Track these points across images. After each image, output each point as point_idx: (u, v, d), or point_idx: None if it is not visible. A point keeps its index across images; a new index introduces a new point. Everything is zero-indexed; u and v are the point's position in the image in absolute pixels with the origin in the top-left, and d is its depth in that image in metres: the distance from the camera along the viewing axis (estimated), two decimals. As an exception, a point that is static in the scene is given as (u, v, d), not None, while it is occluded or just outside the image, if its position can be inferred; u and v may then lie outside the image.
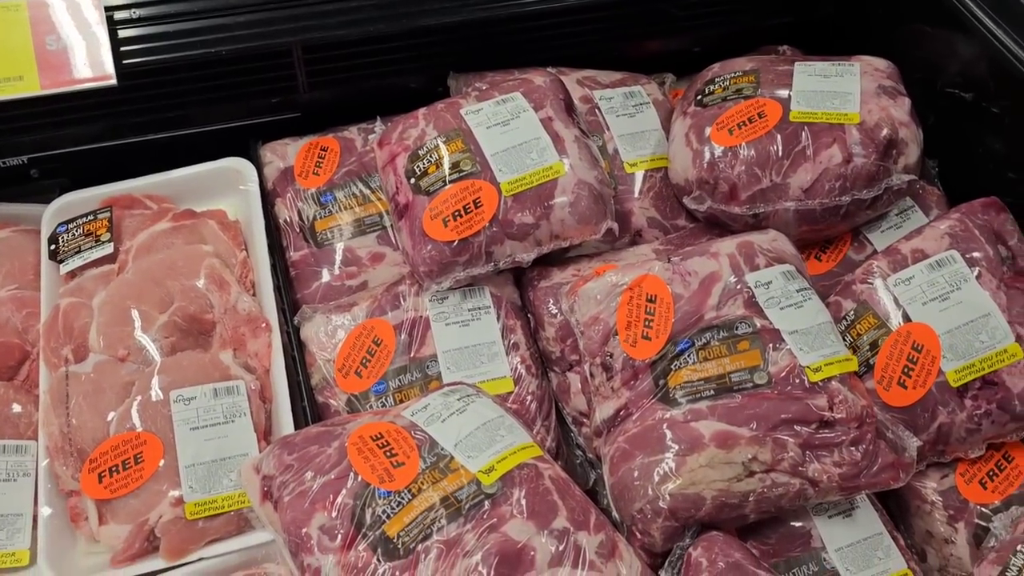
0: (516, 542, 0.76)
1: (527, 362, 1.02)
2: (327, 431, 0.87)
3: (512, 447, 0.83)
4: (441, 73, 1.24)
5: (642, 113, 1.20)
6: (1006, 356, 0.90)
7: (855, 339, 0.96)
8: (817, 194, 1.02)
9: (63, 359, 0.98)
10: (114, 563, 0.89)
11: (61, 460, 0.92)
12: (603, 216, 1.03)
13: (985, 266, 0.95)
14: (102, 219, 1.09)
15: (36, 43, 1.02)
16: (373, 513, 0.78)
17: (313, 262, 1.11)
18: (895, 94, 1.07)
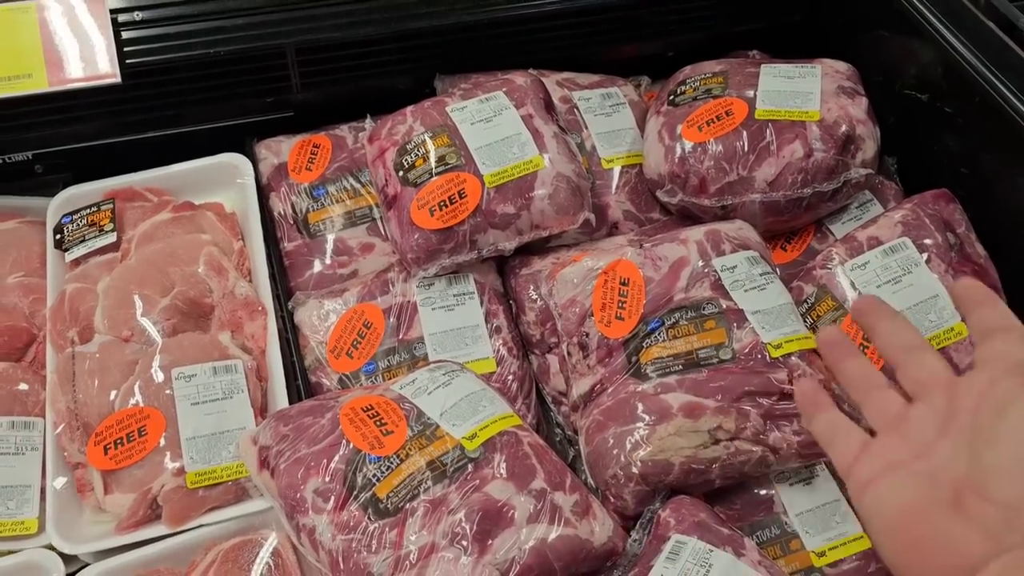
0: (497, 501, 0.81)
1: (509, 344, 1.08)
2: (321, 404, 0.92)
3: (493, 416, 0.89)
4: (428, 74, 1.29)
5: (618, 113, 1.26)
6: (953, 334, 0.97)
7: (815, 320, 1.02)
8: (781, 187, 1.09)
9: (69, 341, 1.03)
10: (119, 530, 0.93)
11: (68, 434, 0.97)
12: (581, 207, 1.10)
13: (935, 252, 1.01)
14: (105, 210, 1.14)
15: (45, 43, 1.07)
16: (364, 476, 0.84)
17: (306, 252, 1.17)
18: (854, 94, 1.14)
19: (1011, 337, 0.62)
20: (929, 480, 0.59)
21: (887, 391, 0.67)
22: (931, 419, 0.62)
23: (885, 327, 0.69)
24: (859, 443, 0.65)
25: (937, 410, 0.62)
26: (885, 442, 0.63)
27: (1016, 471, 0.55)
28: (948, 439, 0.60)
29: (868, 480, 0.62)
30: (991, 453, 0.56)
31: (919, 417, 0.63)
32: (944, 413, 0.61)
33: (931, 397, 0.63)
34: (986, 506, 0.55)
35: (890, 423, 0.64)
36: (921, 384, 0.65)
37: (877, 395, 0.67)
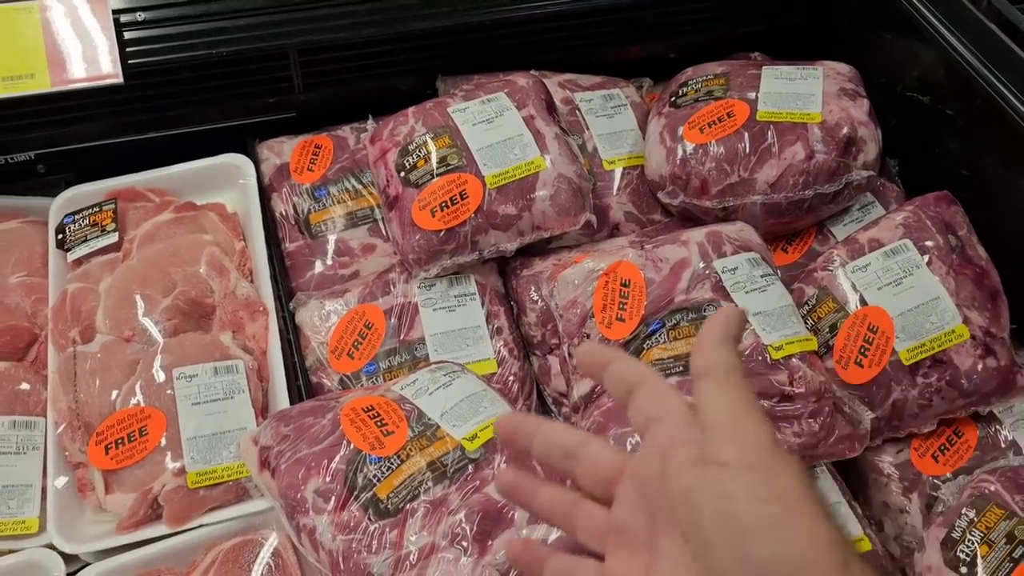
0: (497, 501, 0.81)
1: (510, 345, 1.08)
2: (321, 404, 0.92)
3: (494, 417, 0.89)
4: (430, 76, 1.30)
5: (620, 114, 1.27)
6: (954, 336, 0.97)
7: (816, 322, 1.02)
8: (782, 188, 1.09)
9: (71, 340, 1.03)
10: (120, 530, 0.93)
11: (69, 434, 0.98)
12: (582, 209, 1.10)
13: (936, 254, 1.01)
14: (107, 210, 1.14)
15: (47, 43, 1.08)
16: (364, 477, 0.84)
17: (308, 252, 1.17)
18: (855, 96, 1.14)
19: (649, 393, 0.56)
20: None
21: (584, 504, 0.58)
22: (636, 519, 0.54)
23: (546, 432, 0.60)
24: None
25: (634, 506, 0.55)
26: (616, 566, 0.56)
27: (747, 572, 0.47)
28: (664, 534, 0.53)
29: None
30: (712, 555, 0.49)
31: (624, 520, 0.55)
32: (641, 506, 0.54)
33: (621, 494, 0.56)
34: None
35: (606, 538, 0.57)
36: (602, 482, 0.57)
37: (580, 512, 0.58)
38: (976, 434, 1.00)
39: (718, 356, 0.53)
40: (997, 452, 0.99)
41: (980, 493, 0.90)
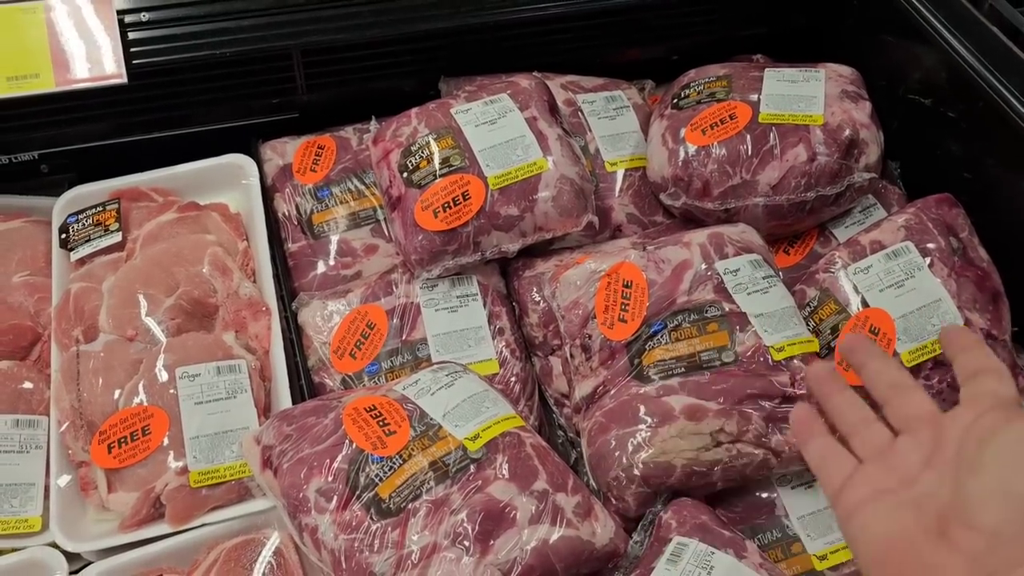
0: (499, 501, 0.82)
1: (512, 346, 1.08)
2: (324, 404, 0.93)
3: (496, 417, 0.89)
4: (433, 77, 1.30)
5: (622, 116, 1.27)
6: (955, 338, 0.97)
7: (818, 324, 1.03)
8: (784, 190, 1.09)
9: (74, 339, 1.03)
10: (122, 529, 0.94)
11: (72, 433, 0.98)
12: (584, 210, 1.10)
13: (937, 256, 1.01)
14: (111, 210, 1.14)
15: (52, 43, 1.08)
16: (367, 476, 0.84)
17: (310, 253, 1.17)
18: (857, 98, 1.14)
19: (994, 376, 0.65)
20: (914, 508, 0.60)
21: (874, 424, 0.69)
22: (917, 451, 0.64)
23: (874, 366, 0.72)
24: (848, 470, 0.66)
25: (923, 443, 0.64)
26: (872, 470, 0.65)
27: (999, 498, 0.56)
28: (933, 469, 0.61)
29: (854, 506, 0.64)
30: (975, 482, 0.58)
31: (905, 448, 0.65)
32: (930, 445, 0.63)
33: (917, 431, 0.65)
34: (970, 534, 0.56)
35: (877, 454, 0.66)
36: (908, 419, 0.67)
37: (864, 428, 0.69)
38: (977, 436, 1.00)
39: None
40: (998, 454, 0.99)
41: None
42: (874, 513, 0.62)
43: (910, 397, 0.68)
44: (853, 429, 0.69)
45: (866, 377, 0.72)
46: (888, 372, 0.71)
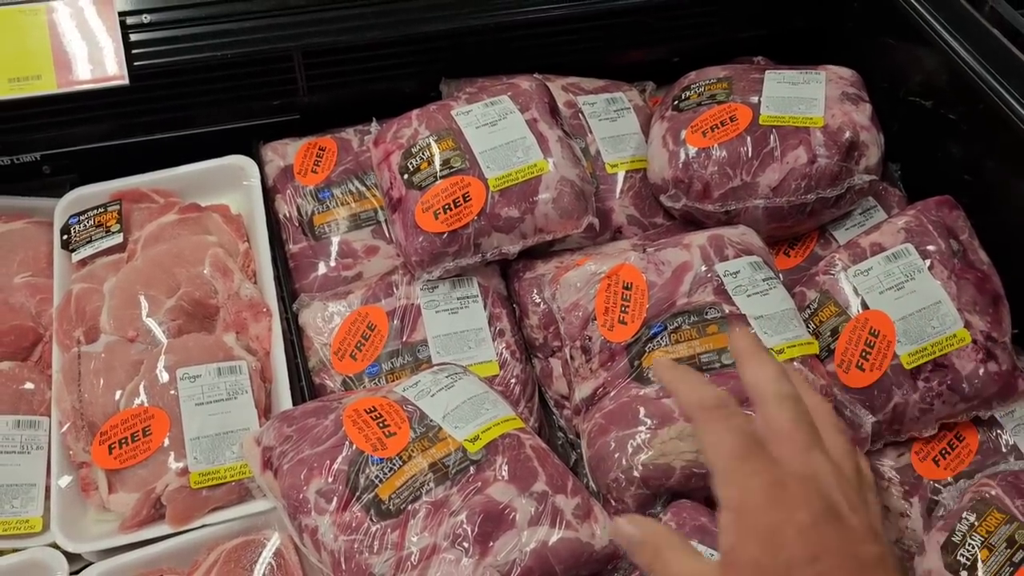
0: (499, 503, 0.82)
1: (512, 348, 1.08)
2: (324, 405, 0.93)
3: (496, 419, 0.89)
4: (434, 78, 1.30)
5: (623, 118, 1.27)
6: (955, 340, 0.97)
7: (818, 326, 1.03)
8: (784, 192, 1.09)
9: (75, 340, 1.04)
10: (123, 529, 0.94)
11: (73, 433, 0.98)
12: (584, 212, 1.10)
13: (937, 258, 1.01)
14: (112, 211, 1.15)
15: (54, 44, 1.08)
16: (367, 478, 0.84)
17: (311, 254, 1.17)
18: (858, 100, 1.14)
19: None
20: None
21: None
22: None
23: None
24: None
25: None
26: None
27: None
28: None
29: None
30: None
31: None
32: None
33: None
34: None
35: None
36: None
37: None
38: (977, 438, 1.00)
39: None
40: (998, 456, 0.99)
41: (981, 497, 0.90)
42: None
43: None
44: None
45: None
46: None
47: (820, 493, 0.56)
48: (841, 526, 0.56)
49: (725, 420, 0.59)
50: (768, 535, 0.55)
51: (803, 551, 0.54)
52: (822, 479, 0.57)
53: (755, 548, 0.55)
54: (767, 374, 0.62)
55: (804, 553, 0.54)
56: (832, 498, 0.57)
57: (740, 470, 0.57)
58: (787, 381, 0.61)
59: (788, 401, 0.60)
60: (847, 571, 0.54)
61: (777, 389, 0.61)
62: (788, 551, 0.54)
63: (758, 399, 0.61)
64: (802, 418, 0.60)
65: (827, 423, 0.64)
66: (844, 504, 0.57)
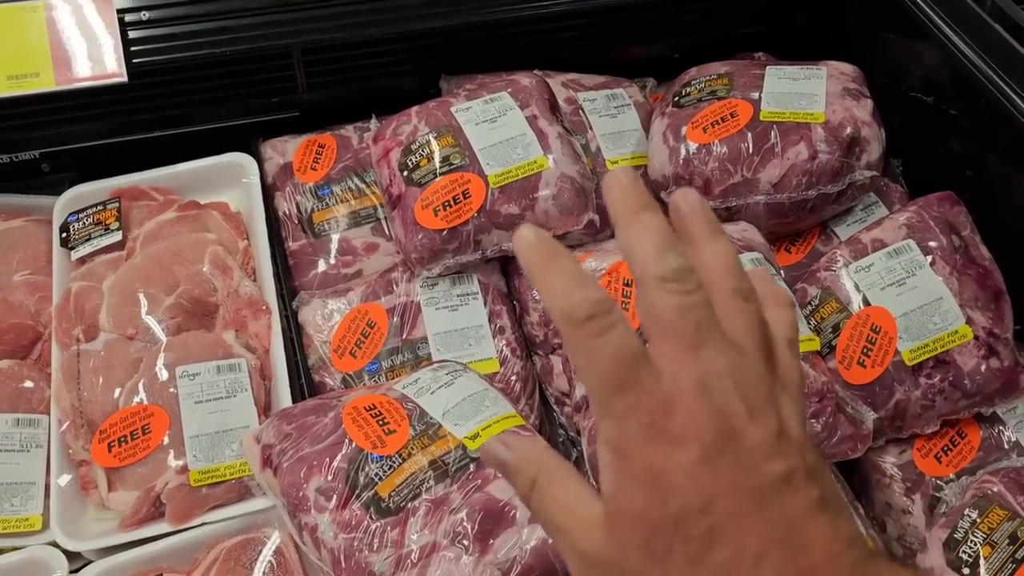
0: (499, 500, 0.82)
1: (512, 345, 1.08)
2: (323, 403, 0.93)
3: (496, 416, 0.89)
4: (433, 75, 1.30)
5: (623, 114, 1.27)
6: (957, 337, 0.97)
7: (819, 322, 1.02)
8: (785, 188, 1.09)
9: (74, 338, 1.03)
10: (122, 527, 0.94)
11: (72, 432, 0.98)
12: (585, 208, 1.10)
13: (939, 254, 1.01)
14: (111, 209, 1.14)
15: (52, 42, 1.08)
16: (366, 476, 0.84)
17: (311, 251, 1.17)
18: (859, 96, 1.14)
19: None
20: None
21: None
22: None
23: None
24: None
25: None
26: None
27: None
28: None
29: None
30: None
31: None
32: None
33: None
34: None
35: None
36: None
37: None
38: (979, 435, 1.00)
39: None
40: (1000, 453, 0.99)
41: (983, 494, 0.90)
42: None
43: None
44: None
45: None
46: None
47: (712, 409, 0.45)
48: (737, 449, 0.45)
49: (599, 335, 0.46)
50: (652, 481, 0.45)
51: (694, 496, 0.45)
52: (715, 384, 0.46)
53: (640, 498, 0.46)
54: (647, 246, 0.47)
55: (696, 500, 0.45)
56: (727, 411, 0.46)
57: (616, 402, 0.46)
58: (672, 252, 0.47)
59: (670, 282, 0.46)
60: (745, 511, 0.45)
61: (659, 267, 0.46)
62: (677, 499, 0.45)
63: (637, 279, 0.47)
64: (689, 303, 0.46)
65: (726, 289, 0.49)
66: (742, 413, 0.46)
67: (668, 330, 0.46)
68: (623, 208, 0.48)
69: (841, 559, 0.46)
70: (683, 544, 0.45)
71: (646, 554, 0.46)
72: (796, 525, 0.45)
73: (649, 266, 0.46)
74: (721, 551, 0.45)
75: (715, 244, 0.51)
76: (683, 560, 0.45)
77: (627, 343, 0.46)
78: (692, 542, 0.45)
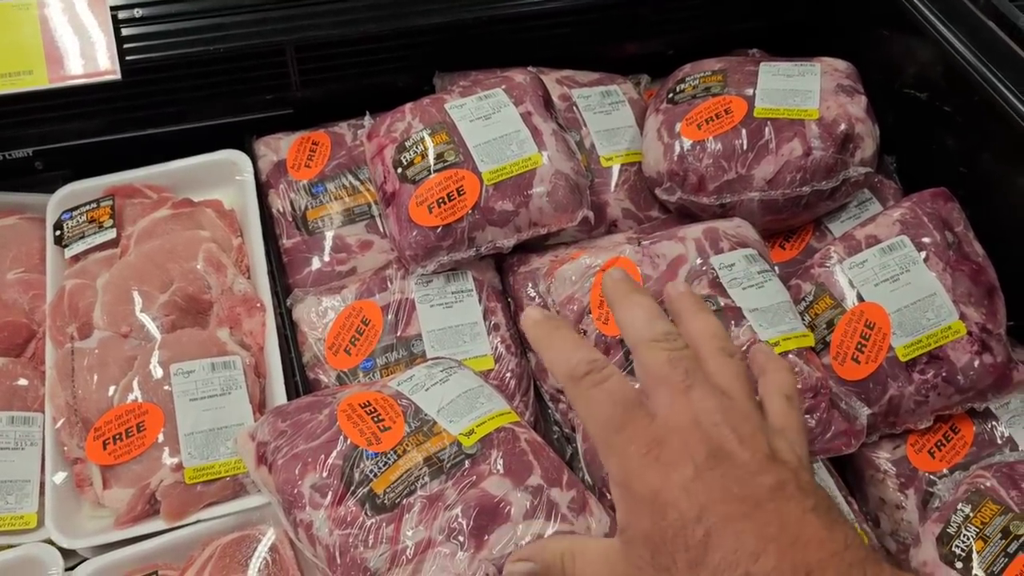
0: (494, 497, 0.82)
1: (507, 342, 1.08)
2: (318, 400, 0.92)
3: (491, 413, 0.89)
4: (427, 72, 1.30)
5: (618, 111, 1.27)
6: (950, 332, 0.97)
7: (813, 318, 1.03)
8: (779, 185, 1.09)
9: (69, 336, 1.03)
10: (117, 525, 0.94)
11: (67, 429, 0.98)
12: (579, 205, 1.10)
13: (933, 250, 1.01)
14: (105, 207, 1.14)
15: (45, 39, 1.08)
16: (361, 472, 0.84)
17: (305, 249, 1.17)
18: (853, 92, 1.14)
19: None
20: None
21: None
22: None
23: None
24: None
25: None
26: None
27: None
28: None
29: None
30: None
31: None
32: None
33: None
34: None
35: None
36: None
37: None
38: (972, 430, 1.00)
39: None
40: (993, 448, 0.99)
41: (976, 488, 0.90)
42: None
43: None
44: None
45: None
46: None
47: (704, 436, 0.51)
48: (729, 466, 0.51)
49: (597, 386, 0.54)
50: (652, 502, 0.50)
51: (689, 508, 0.49)
52: (705, 418, 0.52)
53: (645, 520, 0.51)
54: (638, 318, 0.57)
55: (691, 510, 0.49)
56: (718, 437, 0.51)
57: (617, 440, 0.52)
58: (660, 320, 0.56)
59: (660, 342, 0.55)
60: (738, 516, 0.49)
61: (649, 332, 0.55)
62: (674, 511, 0.50)
63: (631, 346, 0.57)
64: (677, 357, 0.54)
65: (712, 349, 0.57)
66: (732, 438, 0.51)
67: (661, 379, 0.54)
68: (617, 293, 0.58)
69: (840, 558, 0.48)
70: (684, 552, 0.49)
71: (655, 570, 0.50)
72: (790, 525, 0.49)
73: (641, 332, 0.55)
74: (718, 552, 0.48)
75: (701, 316, 0.60)
76: (686, 567, 0.49)
77: (623, 390, 0.54)
78: (691, 549, 0.49)
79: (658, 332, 0.55)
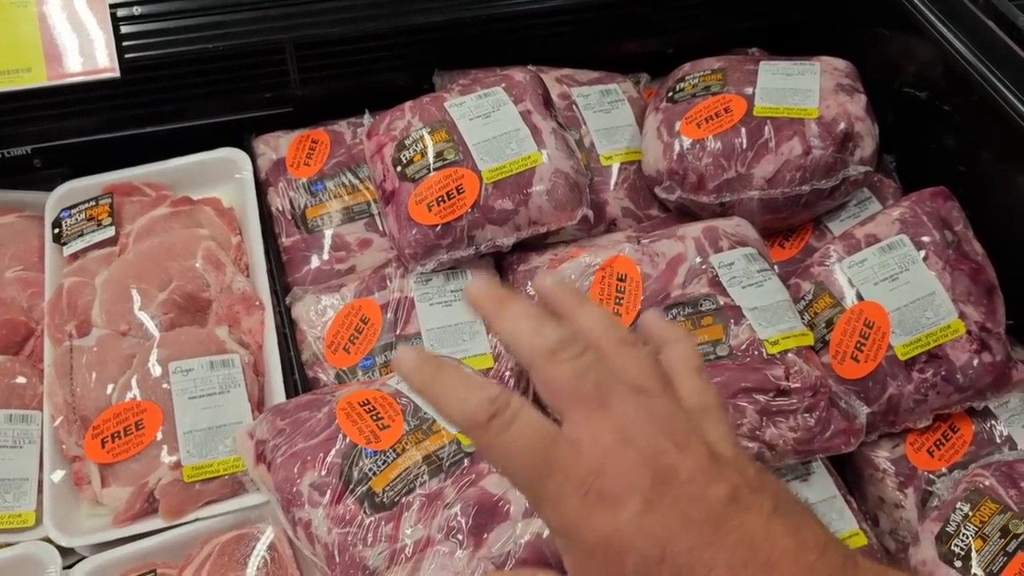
0: (493, 495, 0.82)
1: (506, 341, 1.08)
2: (317, 398, 0.92)
3: (490, 411, 0.89)
4: (427, 71, 1.29)
5: (617, 109, 1.26)
6: (949, 331, 0.97)
7: (812, 317, 1.02)
8: (779, 184, 1.09)
9: (67, 334, 1.03)
10: (116, 523, 0.94)
11: (66, 428, 0.98)
12: (579, 203, 1.10)
13: (932, 249, 1.01)
14: (103, 205, 1.14)
15: (44, 37, 1.08)
16: (360, 471, 0.84)
17: (304, 247, 1.17)
18: (852, 91, 1.14)
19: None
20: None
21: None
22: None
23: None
24: None
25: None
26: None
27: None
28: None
29: None
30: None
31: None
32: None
33: None
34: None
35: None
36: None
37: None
38: (971, 429, 1.00)
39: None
40: (992, 447, 0.99)
41: (975, 487, 0.90)
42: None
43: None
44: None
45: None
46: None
47: (640, 456, 0.45)
48: (678, 485, 0.45)
49: (506, 431, 0.46)
50: (606, 549, 0.45)
51: (649, 547, 0.44)
52: (633, 430, 0.46)
53: (598, 570, 0.46)
54: (522, 330, 0.48)
55: (651, 549, 0.44)
56: (655, 451, 0.45)
57: (549, 487, 0.46)
58: (548, 325, 0.48)
59: (557, 353, 0.47)
60: (703, 545, 0.44)
61: (541, 343, 0.47)
62: (633, 556, 0.44)
63: (526, 365, 0.48)
64: (582, 367, 0.47)
65: (612, 343, 0.50)
66: (669, 447, 0.46)
67: (572, 398, 0.47)
68: (488, 307, 0.50)
69: (816, 569, 0.45)
70: None
71: None
72: (757, 543, 0.45)
73: (532, 345, 0.47)
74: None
75: (586, 308, 0.53)
76: None
77: (535, 427, 0.46)
78: None
79: (551, 341, 0.47)
